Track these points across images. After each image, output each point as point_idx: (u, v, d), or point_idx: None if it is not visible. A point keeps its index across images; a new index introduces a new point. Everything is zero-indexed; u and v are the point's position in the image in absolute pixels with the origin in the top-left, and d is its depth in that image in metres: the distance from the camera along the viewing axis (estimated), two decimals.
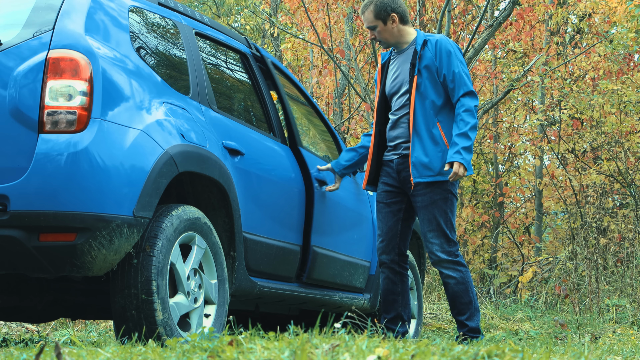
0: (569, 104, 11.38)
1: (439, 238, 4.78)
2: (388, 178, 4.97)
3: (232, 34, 5.05)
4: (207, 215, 4.17)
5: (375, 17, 4.88)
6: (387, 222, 4.98)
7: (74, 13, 3.67)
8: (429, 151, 4.76)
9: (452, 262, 4.79)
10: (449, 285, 4.82)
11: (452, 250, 4.79)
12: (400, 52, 4.95)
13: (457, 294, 4.81)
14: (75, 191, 3.40)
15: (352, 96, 11.77)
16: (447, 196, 4.79)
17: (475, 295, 4.87)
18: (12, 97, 3.47)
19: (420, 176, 4.78)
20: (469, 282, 4.81)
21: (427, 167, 4.77)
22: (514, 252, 13.31)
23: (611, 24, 12.82)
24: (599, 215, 10.33)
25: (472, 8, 11.09)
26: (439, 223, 4.77)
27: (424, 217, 4.81)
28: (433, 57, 4.79)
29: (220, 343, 2.78)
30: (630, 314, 8.12)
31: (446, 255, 4.78)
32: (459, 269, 4.80)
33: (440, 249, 4.78)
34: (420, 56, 4.82)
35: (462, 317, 4.82)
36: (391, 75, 4.97)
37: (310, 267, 4.98)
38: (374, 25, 4.89)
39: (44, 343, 3.20)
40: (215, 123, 4.25)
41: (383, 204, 4.99)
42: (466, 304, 4.81)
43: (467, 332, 4.80)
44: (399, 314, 4.97)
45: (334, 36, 11.04)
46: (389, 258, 4.96)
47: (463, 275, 4.80)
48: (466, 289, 4.80)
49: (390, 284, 4.97)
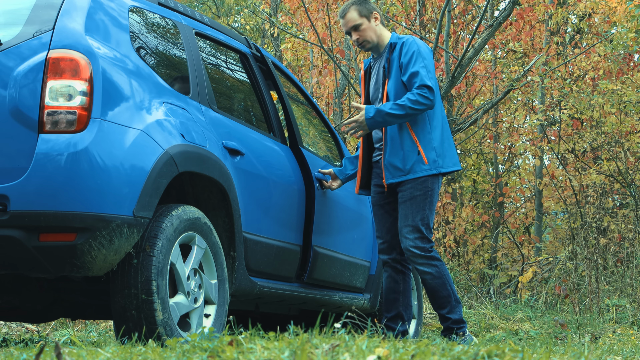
0: (569, 104, 11.37)
1: (413, 233, 4.84)
2: (378, 179, 5.05)
3: (232, 34, 5.05)
4: (207, 215, 4.17)
5: (360, 15, 4.95)
6: (385, 223, 5.04)
7: (74, 12, 3.67)
8: (399, 152, 4.86)
9: (426, 258, 4.84)
10: (426, 281, 4.89)
11: (426, 246, 4.84)
12: (378, 57, 5.04)
13: (435, 288, 4.87)
14: (75, 191, 3.40)
15: (352, 96, 11.77)
16: (427, 193, 4.85)
17: (454, 287, 4.93)
18: (12, 97, 3.47)
19: (393, 177, 4.89)
20: (445, 276, 4.87)
21: (398, 168, 4.87)
22: (514, 252, 13.31)
23: (611, 24, 12.82)
24: (599, 215, 10.32)
25: (472, 8, 11.09)
26: (414, 219, 4.84)
27: (401, 212, 4.89)
28: (399, 60, 4.87)
29: (220, 343, 2.78)
30: (630, 314, 8.12)
31: (419, 250, 4.83)
32: (434, 263, 4.85)
33: (413, 244, 4.83)
34: (389, 60, 4.90)
35: (443, 310, 4.89)
36: (371, 82, 5.07)
37: (311, 267, 4.98)
38: (359, 23, 4.95)
39: (44, 343, 3.20)
40: (215, 123, 4.25)
41: (378, 205, 5.08)
42: (445, 298, 4.87)
43: (450, 325, 4.87)
44: (399, 313, 5.00)
45: (334, 36, 11.04)
46: (391, 257, 5.02)
47: (439, 269, 4.85)
48: (443, 282, 4.85)
49: (393, 283, 5.02)
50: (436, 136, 4.87)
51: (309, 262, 4.96)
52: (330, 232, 5.22)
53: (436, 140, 4.86)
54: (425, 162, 4.83)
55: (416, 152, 4.83)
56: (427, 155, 4.83)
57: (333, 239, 5.26)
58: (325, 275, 5.15)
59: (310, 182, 5.03)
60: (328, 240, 5.17)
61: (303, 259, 4.98)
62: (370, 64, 5.10)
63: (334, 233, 5.29)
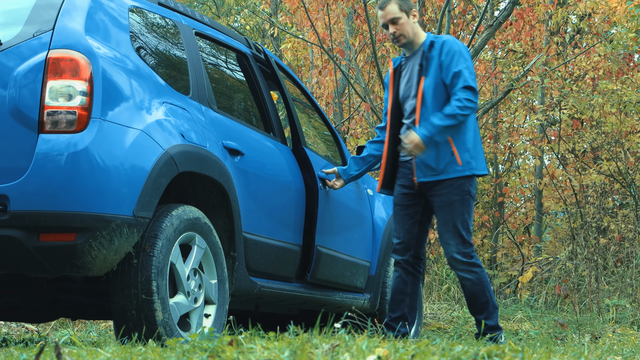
0: (569, 104, 11.38)
1: (455, 239, 4.79)
2: (405, 179, 4.96)
3: (232, 34, 5.05)
4: (207, 215, 4.17)
5: (400, 9, 4.87)
6: (404, 224, 4.97)
7: (74, 12, 3.67)
8: (432, 151, 4.77)
9: (467, 264, 4.81)
10: (465, 287, 4.87)
11: (468, 251, 4.81)
12: (411, 56, 4.95)
13: (474, 294, 4.85)
14: (75, 191, 3.40)
15: (352, 96, 11.77)
16: (464, 197, 4.80)
17: (492, 293, 4.91)
18: (12, 97, 3.47)
19: (424, 175, 4.80)
20: (485, 282, 4.85)
21: (430, 167, 4.78)
22: (514, 252, 13.31)
23: (611, 24, 12.83)
24: (599, 215, 10.33)
25: (472, 8, 11.09)
26: (455, 224, 4.78)
27: (440, 218, 4.83)
28: (439, 58, 4.79)
29: (220, 343, 2.78)
30: (630, 314, 8.13)
31: (461, 256, 4.80)
32: (474, 270, 4.83)
33: (455, 249, 4.79)
34: (427, 58, 4.82)
35: (480, 316, 4.88)
36: (403, 81, 4.97)
37: (315, 267, 4.98)
38: (399, 17, 4.86)
39: (44, 343, 3.20)
40: (215, 123, 4.25)
41: (400, 206, 4.99)
42: (483, 304, 4.86)
43: (486, 330, 4.86)
44: (404, 314, 4.96)
45: (334, 36, 11.04)
46: (404, 259, 4.97)
47: (479, 276, 4.83)
48: (482, 289, 4.84)
49: (401, 284, 4.98)
50: (470, 137, 4.79)
51: (312, 261, 4.96)
52: (332, 232, 5.22)
53: (470, 142, 4.79)
54: (458, 163, 4.75)
55: (450, 153, 4.75)
56: (461, 156, 4.75)
57: (335, 238, 5.25)
58: (328, 275, 5.15)
59: (314, 182, 5.03)
60: (331, 240, 5.17)
61: (303, 258, 4.98)
62: (400, 63, 5.01)
63: (337, 233, 5.29)
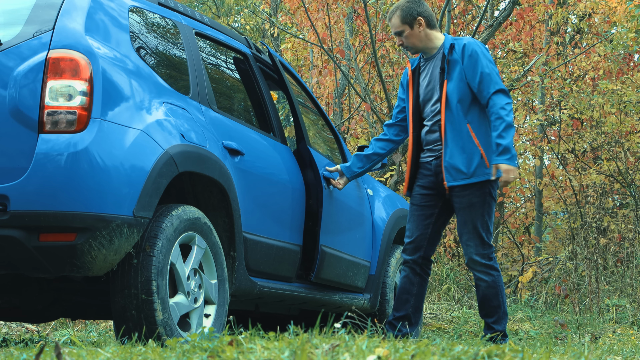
0: (569, 104, 11.38)
1: (474, 240, 4.80)
2: (424, 180, 4.95)
3: (232, 34, 5.04)
4: (207, 215, 4.17)
5: (402, 22, 4.85)
6: (418, 225, 4.97)
7: (74, 12, 3.67)
8: (461, 154, 4.76)
9: (485, 266, 4.82)
10: (480, 288, 4.87)
11: (487, 252, 4.82)
12: (430, 57, 4.93)
13: (487, 296, 4.86)
14: (75, 191, 3.40)
15: (352, 96, 11.77)
16: (485, 199, 4.79)
17: (505, 298, 4.91)
18: (12, 97, 3.47)
19: (454, 180, 4.78)
20: (499, 287, 4.85)
21: (460, 171, 4.76)
22: (514, 252, 13.31)
23: (611, 24, 12.83)
24: (599, 215, 10.33)
25: (472, 8, 11.09)
26: (475, 225, 4.79)
27: (460, 219, 4.84)
28: (461, 61, 4.77)
29: (220, 343, 2.78)
30: (630, 314, 8.13)
31: (480, 257, 4.81)
32: (492, 272, 4.83)
33: (474, 251, 4.80)
34: (448, 61, 4.80)
35: (490, 319, 4.88)
36: (423, 82, 4.95)
37: (319, 267, 4.98)
38: (401, 30, 4.86)
39: (44, 343, 3.20)
40: (215, 123, 4.25)
41: (417, 206, 4.98)
42: (495, 308, 4.86)
43: (492, 334, 4.85)
44: (408, 314, 4.95)
45: (334, 36, 11.04)
46: (413, 259, 4.96)
47: (495, 279, 4.84)
48: (496, 292, 4.84)
49: (408, 284, 4.97)
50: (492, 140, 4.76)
51: (316, 261, 4.96)
52: (336, 232, 5.22)
53: (493, 144, 4.73)
54: (487, 166, 4.73)
55: (479, 155, 4.73)
56: (489, 158, 4.74)
57: (338, 238, 5.26)
58: (332, 274, 5.15)
59: (318, 182, 5.02)
60: (334, 239, 5.17)
61: (306, 258, 4.98)
62: (418, 64, 4.98)
63: (339, 232, 5.29)
